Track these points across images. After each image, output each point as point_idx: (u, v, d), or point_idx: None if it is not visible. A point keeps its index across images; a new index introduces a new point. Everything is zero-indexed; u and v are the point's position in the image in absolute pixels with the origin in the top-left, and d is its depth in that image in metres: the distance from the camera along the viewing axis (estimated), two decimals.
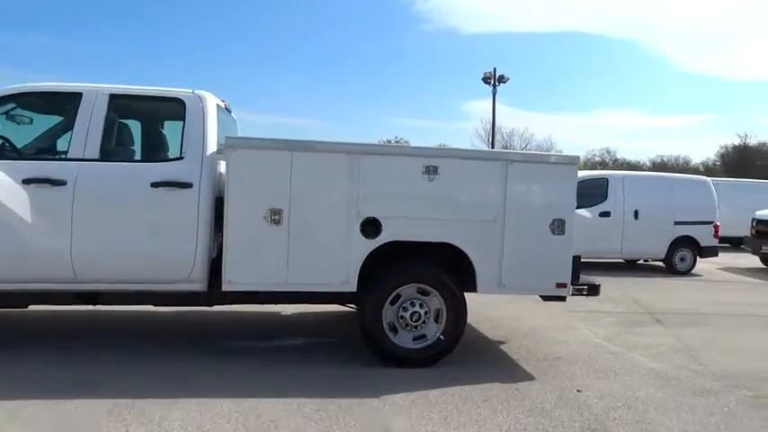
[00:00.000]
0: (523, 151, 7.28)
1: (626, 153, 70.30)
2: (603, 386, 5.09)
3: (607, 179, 12.99)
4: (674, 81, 79.63)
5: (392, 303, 5.28)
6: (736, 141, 54.64)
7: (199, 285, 5.07)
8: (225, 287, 4.99)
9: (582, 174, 13.53)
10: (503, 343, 6.39)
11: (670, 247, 12.83)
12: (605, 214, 12.62)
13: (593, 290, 5.57)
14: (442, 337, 5.32)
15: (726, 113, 79.61)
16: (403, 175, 5.17)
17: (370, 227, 5.12)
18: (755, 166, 47.24)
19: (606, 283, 6.55)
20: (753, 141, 53.83)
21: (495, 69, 33.53)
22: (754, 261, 15.18)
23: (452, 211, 5.24)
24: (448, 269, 5.42)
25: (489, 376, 5.16)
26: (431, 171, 5.16)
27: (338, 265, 5.10)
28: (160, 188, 4.93)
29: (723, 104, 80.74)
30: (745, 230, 15.28)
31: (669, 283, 11.65)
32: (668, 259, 12.93)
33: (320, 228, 5.09)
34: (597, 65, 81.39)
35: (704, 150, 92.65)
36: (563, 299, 5.59)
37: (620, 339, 6.83)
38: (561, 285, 5.41)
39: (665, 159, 55.72)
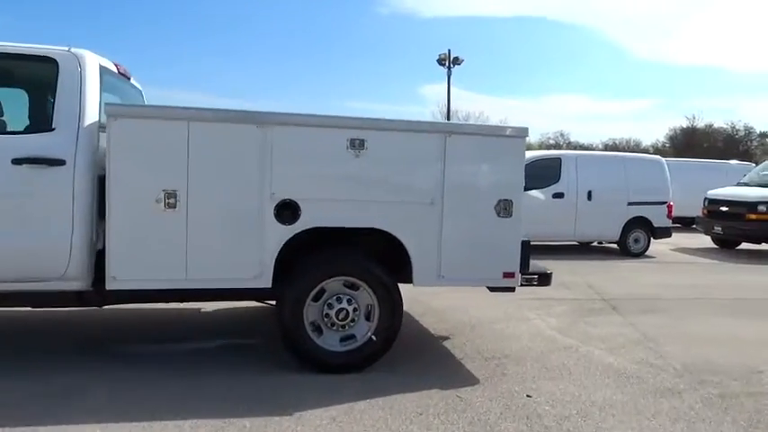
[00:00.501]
0: (464, 122, 5.12)
1: (579, 137, 70.90)
2: (557, 389, 4.47)
3: (560, 159, 12.49)
4: (625, 66, 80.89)
5: (315, 300, 4.53)
6: (685, 124, 55.67)
7: (79, 283, 4.20)
8: (109, 285, 4.14)
9: (535, 153, 13.03)
10: (446, 338, 5.73)
11: (624, 228, 12.46)
12: (558, 195, 12.13)
13: (545, 279, 4.94)
14: (373, 337, 4.60)
15: (672, 98, 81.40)
16: (324, 149, 4.40)
17: (287, 211, 4.34)
18: (703, 148, 48.20)
19: (559, 267, 5.94)
20: (700, 124, 54.95)
21: (449, 51, 32.97)
22: (705, 241, 15.04)
23: (383, 192, 4.50)
24: (380, 259, 4.70)
25: (428, 381, 4.48)
26: (357, 145, 4.40)
27: (249, 256, 4.31)
28: (24, 165, 4.03)
29: (670, 89, 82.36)
30: (696, 210, 15.11)
31: (623, 266, 11.26)
32: (622, 241, 12.57)
33: (226, 213, 4.28)
34: (551, 50, 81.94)
35: (653, 134, 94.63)
36: (512, 289, 4.94)
37: (574, 330, 6.26)
38: (509, 275, 4.76)
39: (616, 142, 56.35)
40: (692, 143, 51.69)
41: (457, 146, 4.57)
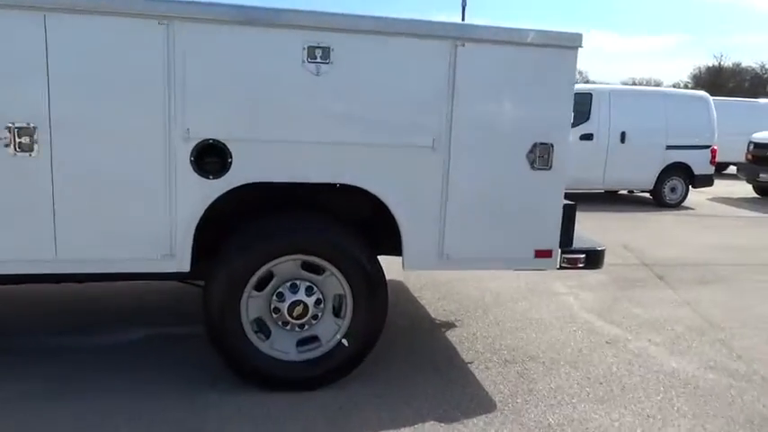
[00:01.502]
0: (483, 24, 2.80)
1: (597, 75, 67.84)
2: (608, 420, 3.08)
3: (591, 94, 10.73)
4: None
5: (259, 288, 3.10)
6: (711, 63, 52.68)
7: None
8: None
9: None
10: (451, 326, 4.32)
11: (660, 175, 10.84)
12: (587, 137, 10.48)
13: (594, 259, 3.46)
14: (344, 341, 3.19)
15: (699, 34, 77.23)
16: (268, 63, 2.86)
17: (211, 158, 2.86)
18: (728, 88, 45.60)
19: (585, 221, 4.48)
20: (727, 63, 51.97)
21: None
22: (746, 190, 13.41)
23: (358, 129, 3.00)
24: (355, 229, 3.24)
25: (419, 406, 3.11)
26: (318, 56, 2.86)
27: (152, 226, 2.86)
28: None
29: (697, 25, 78.03)
30: (734, 155, 13.42)
31: (660, 220, 9.73)
32: (657, 190, 10.97)
33: (114, 161, 2.79)
34: None
35: (676, 73, 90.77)
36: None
37: (616, 312, 4.84)
38: (543, 253, 3.29)
39: (636, 81, 53.61)
40: (718, 83, 48.92)
41: (473, 60, 3.01)
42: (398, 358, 3.66)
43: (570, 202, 3.31)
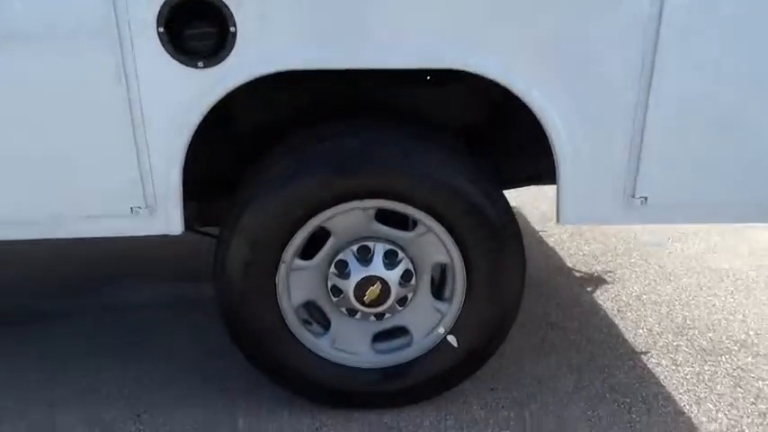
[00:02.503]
0: None
1: None
2: None
3: None
4: None
5: (306, 255, 1.83)
6: None
7: None
8: None
9: None
10: (600, 283, 2.94)
11: None
12: None
13: None
14: (451, 337, 1.90)
15: None
16: None
17: (197, 27, 1.50)
18: None
19: None
20: None
21: None
22: None
23: None
24: (468, 154, 1.85)
25: None
26: None
27: (105, 159, 1.60)
28: None
29: None
30: None
31: None
32: None
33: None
34: None
35: None
36: None
37: None
38: None
39: None
40: None
41: None
42: (540, 367, 2.36)
43: None
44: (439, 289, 1.94)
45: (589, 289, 2.88)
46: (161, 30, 1.48)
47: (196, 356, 2.32)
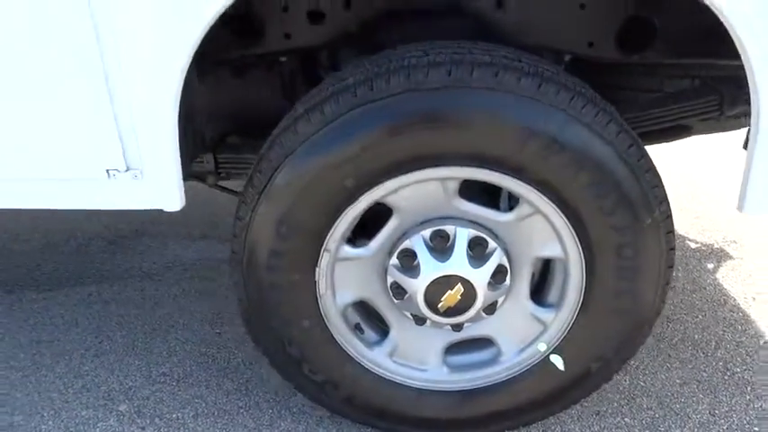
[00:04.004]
0: None
1: None
2: None
3: None
4: None
5: (354, 243, 1.30)
6: None
7: None
8: None
9: None
10: (752, 303, 2.31)
11: None
12: None
13: None
14: (555, 356, 1.36)
15: None
16: None
17: None
18: None
19: None
20: None
21: None
22: None
23: None
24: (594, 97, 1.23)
25: None
26: None
27: (65, 90, 1.06)
28: None
29: None
30: None
31: None
32: None
33: None
34: None
35: None
36: None
37: None
38: None
39: None
40: None
41: None
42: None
43: None
44: (537, 291, 1.39)
45: (711, 266, 2.27)
46: None
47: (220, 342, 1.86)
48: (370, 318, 1.45)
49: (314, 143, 1.14)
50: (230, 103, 1.51)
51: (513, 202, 1.31)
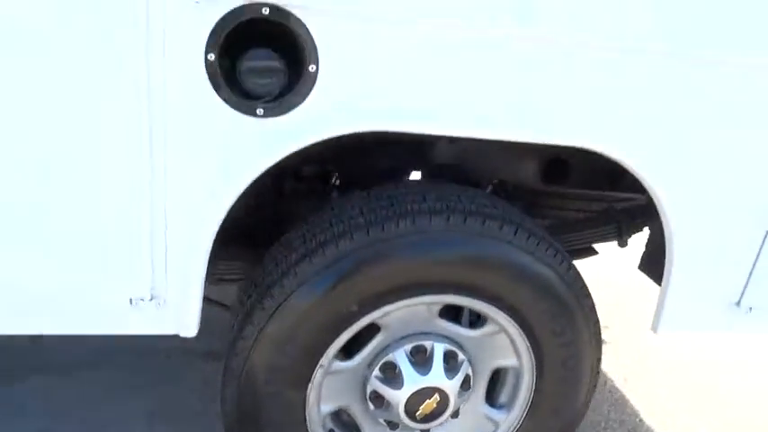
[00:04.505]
0: None
1: None
2: None
3: None
4: None
5: (347, 355, 1.41)
6: None
7: None
8: None
9: None
10: (624, 383, 2.71)
11: None
12: None
13: None
14: None
15: None
16: None
17: (257, 59, 1.03)
18: None
19: None
20: None
21: None
22: None
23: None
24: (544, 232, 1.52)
25: None
26: None
27: (104, 220, 1.09)
28: None
29: None
30: None
31: None
32: None
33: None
34: None
35: None
36: None
37: None
38: None
39: None
40: None
41: None
42: None
43: None
44: (492, 394, 1.59)
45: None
46: (210, 59, 1.00)
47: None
48: (342, 424, 1.54)
49: (327, 276, 1.26)
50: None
51: (472, 317, 1.51)
